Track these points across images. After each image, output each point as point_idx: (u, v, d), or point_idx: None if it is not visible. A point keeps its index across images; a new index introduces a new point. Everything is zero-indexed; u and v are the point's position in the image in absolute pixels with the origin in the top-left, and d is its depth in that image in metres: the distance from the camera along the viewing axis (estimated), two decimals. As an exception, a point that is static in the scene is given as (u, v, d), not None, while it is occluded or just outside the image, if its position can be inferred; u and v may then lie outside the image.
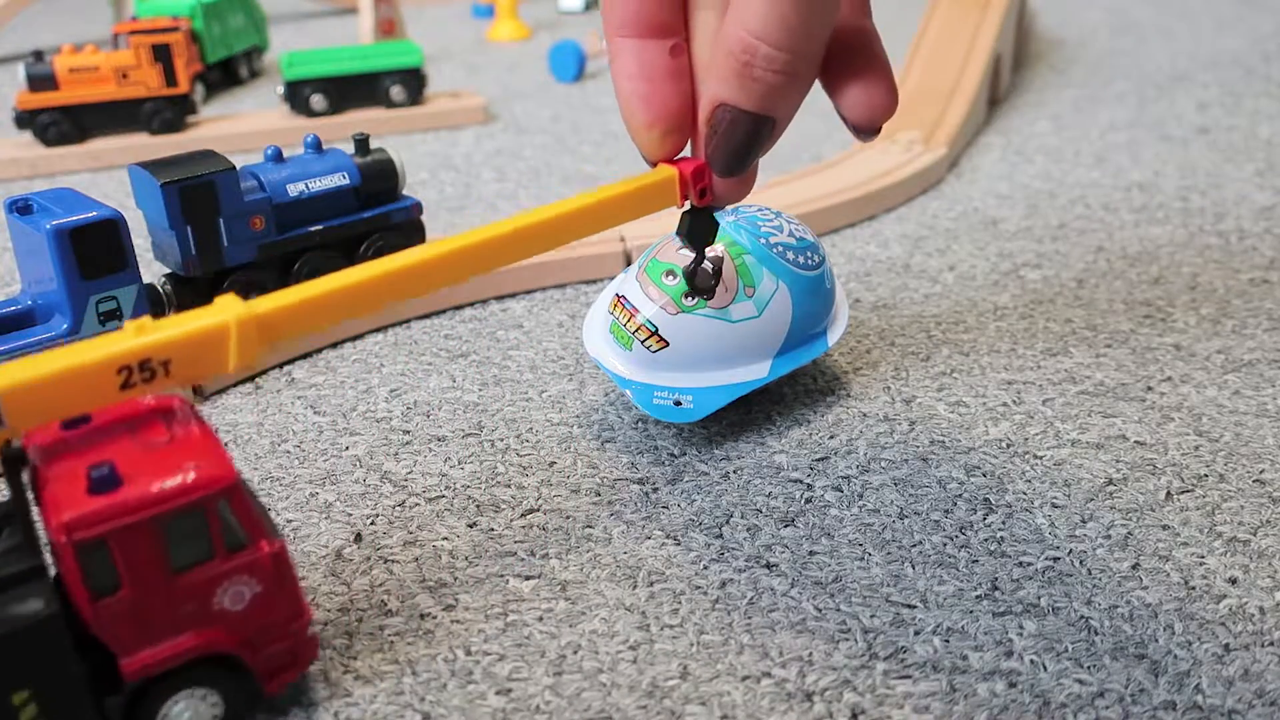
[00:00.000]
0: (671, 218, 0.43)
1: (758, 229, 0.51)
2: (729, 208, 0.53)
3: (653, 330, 0.49)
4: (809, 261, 0.51)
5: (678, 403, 0.49)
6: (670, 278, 0.50)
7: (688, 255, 0.50)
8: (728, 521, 0.44)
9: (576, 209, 0.40)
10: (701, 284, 0.49)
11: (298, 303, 0.34)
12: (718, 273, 0.49)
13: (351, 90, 1.06)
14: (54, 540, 0.31)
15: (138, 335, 0.31)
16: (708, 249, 0.48)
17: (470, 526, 0.45)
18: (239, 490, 0.33)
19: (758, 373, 0.50)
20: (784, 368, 0.50)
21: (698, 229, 0.45)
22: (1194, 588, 0.40)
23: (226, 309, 0.33)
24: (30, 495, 0.33)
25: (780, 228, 0.51)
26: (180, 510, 0.32)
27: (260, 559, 0.33)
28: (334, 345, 0.61)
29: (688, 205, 0.44)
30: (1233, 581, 0.40)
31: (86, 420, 0.34)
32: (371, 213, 0.63)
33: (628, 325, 0.50)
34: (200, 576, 0.33)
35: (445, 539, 0.44)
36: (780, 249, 0.50)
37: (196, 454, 0.33)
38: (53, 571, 0.32)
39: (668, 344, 0.49)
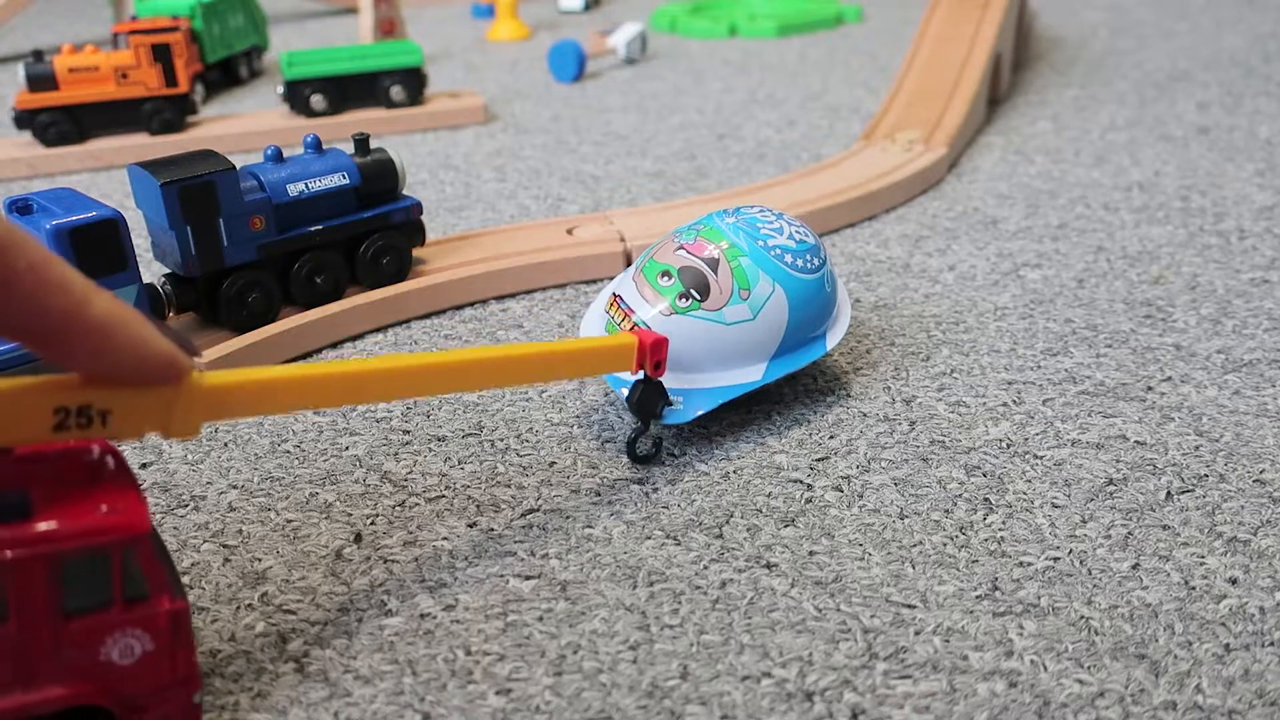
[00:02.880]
0: (671, 216, 0.43)
1: (757, 231, 0.51)
2: (729, 209, 0.53)
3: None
4: (808, 265, 0.51)
5: (669, 403, 0.49)
6: (666, 279, 0.50)
7: (685, 256, 0.50)
8: (728, 521, 0.44)
9: (539, 354, 0.43)
10: (642, 452, 0.49)
11: (250, 383, 0.34)
12: (658, 444, 0.49)
13: (351, 90, 1.06)
14: None
15: (85, 380, 0.30)
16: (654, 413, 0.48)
17: (470, 526, 0.45)
18: (148, 541, 0.31)
19: (752, 375, 0.50)
20: (779, 371, 0.50)
21: (647, 399, 0.48)
22: (1194, 588, 0.40)
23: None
24: None
25: (780, 230, 0.51)
26: (83, 551, 0.31)
27: (158, 615, 0.32)
28: (334, 345, 0.61)
29: (641, 375, 0.47)
30: (1233, 581, 0.40)
31: (7, 452, 0.33)
32: (371, 213, 0.63)
33: (623, 325, 0.50)
34: (92, 624, 0.31)
35: (445, 539, 0.44)
36: (779, 252, 0.50)
37: (114, 498, 0.31)
38: None
39: None
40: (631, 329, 0.49)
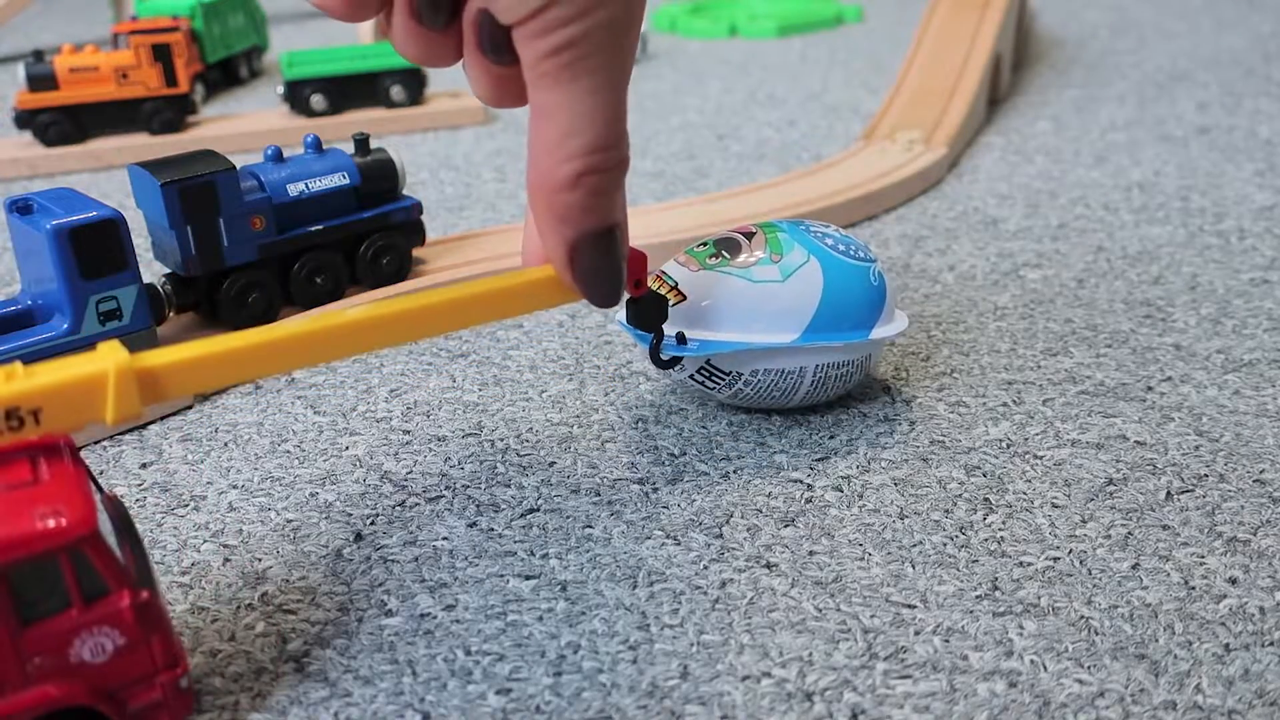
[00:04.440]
0: (671, 216, 0.43)
1: (801, 223, 0.52)
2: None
3: (672, 284, 0.49)
4: (850, 252, 0.51)
5: (680, 338, 0.49)
6: (701, 247, 0.51)
7: (724, 231, 0.52)
8: (728, 521, 0.44)
9: (516, 286, 0.41)
10: (666, 357, 0.49)
11: (184, 359, 0.34)
12: (675, 360, 0.49)
13: (351, 90, 1.06)
14: None
15: (6, 383, 0.30)
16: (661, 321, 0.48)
17: (470, 526, 0.45)
18: (98, 539, 0.31)
19: (780, 338, 0.49)
20: (811, 341, 0.49)
21: (644, 313, 0.47)
22: (1194, 588, 0.40)
23: (106, 357, 0.32)
24: None
25: (827, 227, 0.53)
26: (29, 560, 0.30)
27: (122, 610, 0.32)
28: (334, 345, 0.61)
29: (625, 297, 0.46)
30: (1233, 581, 0.40)
31: None
32: (371, 213, 0.63)
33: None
34: (54, 628, 0.31)
35: (445, 539, 0.44)
36: (820, 234, 0.51)
37: (58, 500, 0.31)
38: None
39: (686, 298, 0.49)
40: (656, 284, 0.50)
